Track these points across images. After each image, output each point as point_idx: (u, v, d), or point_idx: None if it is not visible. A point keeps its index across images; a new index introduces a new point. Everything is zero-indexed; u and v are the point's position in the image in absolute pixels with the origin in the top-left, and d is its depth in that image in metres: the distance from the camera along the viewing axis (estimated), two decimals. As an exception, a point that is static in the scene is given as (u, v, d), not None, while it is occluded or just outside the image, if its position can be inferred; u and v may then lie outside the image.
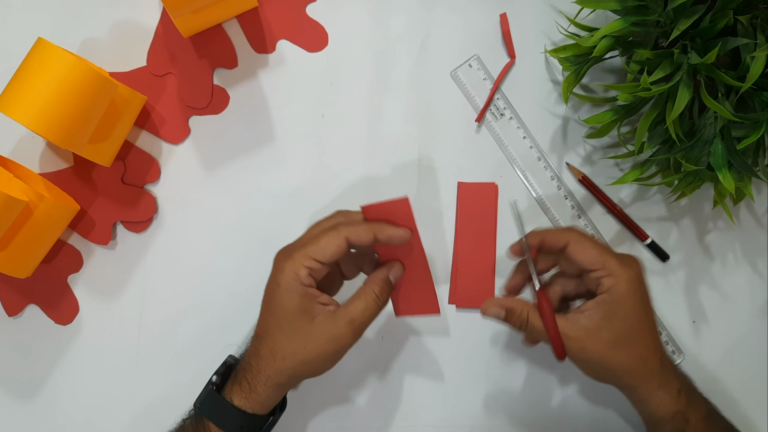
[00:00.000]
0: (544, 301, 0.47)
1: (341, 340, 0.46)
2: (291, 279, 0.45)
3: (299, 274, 0.45)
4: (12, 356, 0.59)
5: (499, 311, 0.48)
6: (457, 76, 0.61)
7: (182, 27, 0.56)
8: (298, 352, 0.46)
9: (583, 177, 0.60)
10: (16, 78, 0.50)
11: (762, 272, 0.60)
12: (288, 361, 0.46)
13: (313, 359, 0.46)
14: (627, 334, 0.46)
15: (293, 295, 0.45)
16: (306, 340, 0.46)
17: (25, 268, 0.55)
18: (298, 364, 0.46)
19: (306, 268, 0.45)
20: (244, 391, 0.47)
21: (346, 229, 0.46)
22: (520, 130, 0.60)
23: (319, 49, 0.61)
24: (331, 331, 0.46)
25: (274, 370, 0.46)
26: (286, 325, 0.46)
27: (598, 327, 0.46)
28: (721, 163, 0.50)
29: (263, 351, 0.47)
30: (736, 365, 0.60)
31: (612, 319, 0.45)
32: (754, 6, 0.48)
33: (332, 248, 0.45)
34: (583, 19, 0.57)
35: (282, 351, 0.46)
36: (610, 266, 0.46)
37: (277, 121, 0.60)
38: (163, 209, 0.60)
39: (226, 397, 0.47)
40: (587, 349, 0.46)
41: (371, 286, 0.47)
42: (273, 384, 0.47)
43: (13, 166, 0.57)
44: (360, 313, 0.46)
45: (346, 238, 0.46)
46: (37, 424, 0.59)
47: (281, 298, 0.46)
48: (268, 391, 0.47)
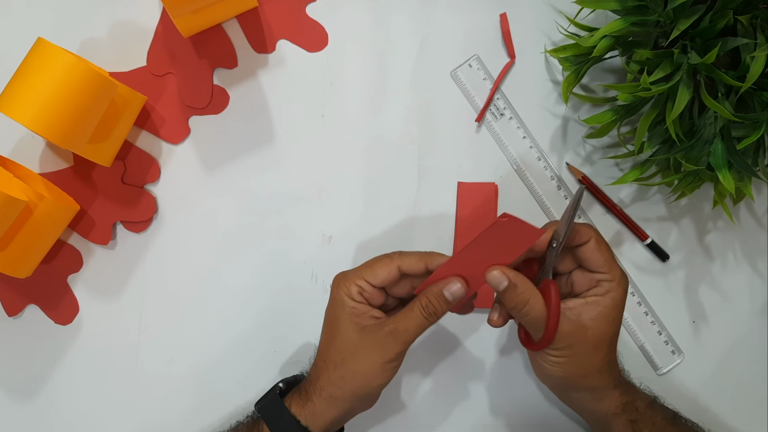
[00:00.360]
0: (554, 291, 0.47)
1: (386, 349, 0.47)
2: (343, 294, 0.48)
3: (350, 290, 0.48)
4: (12, 356, 0.59)
5: (501, 280, 0.46)
6: (457, 76, 0.61)
7: (182, 27, 0.56)
8: (347, 359, 0.48)
9: (583, 177, 0.60)
10: (16, 78, 0.50)
11: (762, 272, 0.60)
12: (339, 368, 0.48)
13: (364, 369, 0.47)
14: (607, 338, 0.48)
15: (345, 308, 0.48)
16: (355, 348, 0.47)
17: (25, 268, 0.55)
18: (348, 372, 0.47)
19: (357, 286, 0.48)
20: (302, 399, 0.49)
21: (399, 258, 0.49)
22: (520, 129, 0.60)
23: (319, 49, 0.61)
24: (377, 339, 0.47)
25: (327, 380, 0.48)
26: (338, 335, 0.48)
27: (586, 326, 0.47)
28: (721, 163, 0.50)
29: (320, 362, 0.49)
30: (736, 365, 0.60)
31: (601, 321, 0.47)
32: (754, 6, 0.48)
33: (383, 274, 0.48)
34: (583, 19, 0.57)
35: (335, 359, 0.48)
36: (615, 273, 0.47)
37: (277, 121, 0.60)
38: (163, 209, 0.60)
39: (286, 403, 0.49)
40: (572, 345, 0.47)
41: (421, 297, 0.48)
42: (327, 395, 0.48)
43: (13, 166, 0.57)
44: (404, 322, 0.47)
45: (398, 267, 0.48)
46: (37, 424, 0.59)
47: (335, 310, 0.49)
48: (323, 403, 0.48)
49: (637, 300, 0.60)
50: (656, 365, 0.60)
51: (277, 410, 0.49)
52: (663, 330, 0.60)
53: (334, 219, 0.60)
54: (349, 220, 0.60)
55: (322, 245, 0.60)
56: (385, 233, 0.60)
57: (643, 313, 0.60)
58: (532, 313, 0.46)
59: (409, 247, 0.59)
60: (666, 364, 0.60)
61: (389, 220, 0.60)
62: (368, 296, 0.49)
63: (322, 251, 0.60)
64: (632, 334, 0.60)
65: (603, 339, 0.47)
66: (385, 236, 0.60)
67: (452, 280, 0.47)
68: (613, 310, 0.47)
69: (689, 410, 0.57)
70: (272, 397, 0.51)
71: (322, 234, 0.60)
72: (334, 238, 0.60)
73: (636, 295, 0.60)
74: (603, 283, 0.47)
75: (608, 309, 0.47)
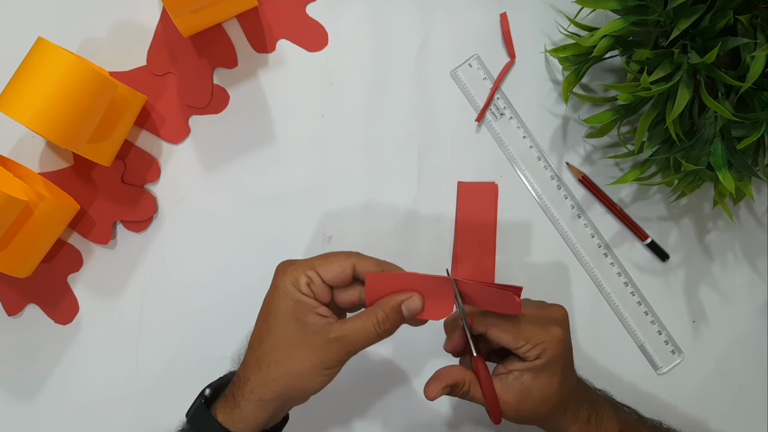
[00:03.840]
0: (482, 371, 0.46)
1: (328, 354, 0.43)
2: (289, 283, 0.44)
3: (298, 280, 0.44)
4: (12, 356, 0.59)
5: (444, 391, 0.46)
6: (457, 75, 0.61)
7: (182, 27, 0.56)
8: (283, 360, 0.43)
9: (583, 177, 0.60)
10: (16, 77, 0.50)
11: (762, 272, 0.60)
12: (272, 370, 0.43)
13: (300, 372, 0.43)
14: (555, 390, 0.46)
15: (288, 299, 0.44)
16: (293, 348, 0.43)
17: (25, 267, 0.55)
18: (283, 375, 0.43)
19: (306, 277, 0.44)
20: (228, 406, 0.45)
21: (356, 256, 0.45)
22: (520, 129, 0.60)
23: (319, 48, 0.61)
24: (320, 342, 0.43)
25: (258, 381, 0.44)
26: (276, 330, 0.44)
27: (529, 388, 0.46)
28: (721, 163, 0.50)
29: (251, 360, 0.44)
30: (736, 365, 0.60)
31: (541, 380, 0.46)
32: (754, 6, 0.48)
33: (337, 269, 0.44)
34: (583, 19, 0.57)
35: (268, 358, 0.43)
36: (534, 337, 0.45)
37: (277, 121, 0.60)
38: (163, 209, 0.60)
39: (213, 411, 0.45)
40: (522, 411, 0.46)
41: (377, 309, 0.44)
42: (256, 398, 0.44)
43: (13, 166, 0.57)
44: (354, 332, 0.43)
45: (353, 266, 0.45)
46: (37, 424, 0.59)
47: (276, 301, 0.44)
48: (251, 407, 0.44)
49: (637, 300, 0.60)
50: (656, 365, 0.60)
51: (204, 420, 0.45)
52: (663, 330, 0.60)
53: (334, 219, 0.60)
54: (349, 220, 0.60)
55: (322, 245, 0.60)
56: (385, 233, 0.60)
57: (643, 312, 0.60)
58: (476, 397, 0.46)
59: (409, 247, 0.59)
60: (666, 364, 0.60)
61: (389, 220, 0.60)
62: (315, 290, 0.44)
63: (322, 251, 0.59)
64: (632, 333, 0.60)
65: (550, 393, 0.46)
66: (385, 236, 0.60)
67: (412, 295, 0.45)
68: (547, 368, 0.46)
69: (689, 410, 0.57)
70: (198, 406, 0.46)
71: (322, 234, 0.60)
72: (334, 238, 0.60)
73: (636, 295, 0.60)
74: (528, 353, 0.45)
75: (543, 368, 0.45)
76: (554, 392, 0.46)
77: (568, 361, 0.47)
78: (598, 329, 0.60)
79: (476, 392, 0.46)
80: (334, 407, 0.59)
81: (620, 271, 0.60)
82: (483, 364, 0.47)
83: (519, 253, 0.60)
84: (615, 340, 0.60)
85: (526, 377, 0.46)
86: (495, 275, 0.59)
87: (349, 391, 0.59)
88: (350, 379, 0.59)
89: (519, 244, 0.60)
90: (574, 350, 0.59)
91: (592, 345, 0.60)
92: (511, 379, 0.46)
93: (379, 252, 0.60)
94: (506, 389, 0.46)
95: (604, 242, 0.60)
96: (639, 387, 0.59)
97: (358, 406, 0.59)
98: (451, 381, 0.46)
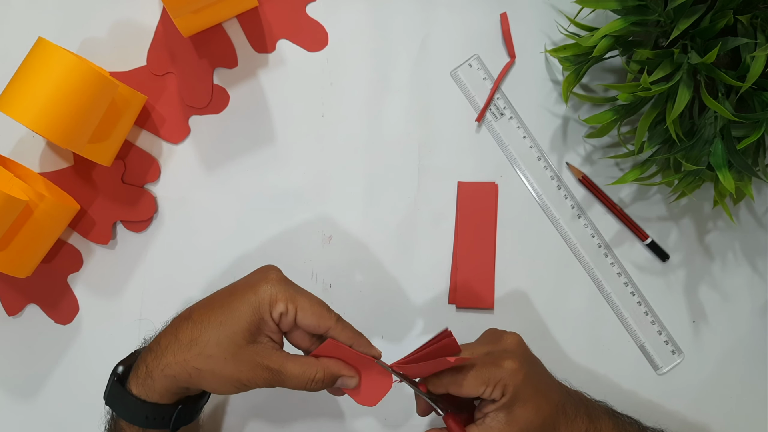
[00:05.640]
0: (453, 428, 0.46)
1: (256, 376, 0.43)
2: (266, 301, 0.44)
3: (275, 306, 0.44)
4: (12, 356, 0.59)
5: None
6: (457, 75, 0.61)
7: (182, 27, 0.56)
8: (215, 358, 0.43)
9: (583, 177, 0.60)
10: (16, 78, 0.50)
11: (762, 272, 0.60)
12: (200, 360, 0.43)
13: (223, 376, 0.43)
14: (533, 416, 0.46)
15: (256, 312, 0.44)
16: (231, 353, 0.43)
17: (25, 267, 0.55)
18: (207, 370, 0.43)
19: (284, 307, 0.44)
20: (141, 378, 0.44)
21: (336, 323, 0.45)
22: (520, 129, 0.60)
23: (319, 48, 0.61)
24: (256, 363, 0.43)
25: (180, 361, 0.43)
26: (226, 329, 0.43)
27: (509, 424, 0.45)
28: (721, 163, 0.50)
29: (183, 336, 0.44)
30: (736, 365, 0.60)
31: (516, 414, 0.45)
32: (754, 6, 0.48)
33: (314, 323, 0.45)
34: (583, 19, 0.57)
35: (201, 347, 0.43)
36: (491, 378, 0.45)
37: (277, 121, 0.60)
38: (163, 209, 0.60)
39: (127, 386, 0.45)
40: None
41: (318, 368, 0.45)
42: (170, 373, 0.43)
43: (13, 166, 0.57)
44: (290, 374, 0.44)
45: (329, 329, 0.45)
46: (37, 423, 0.59)
47: (243, 304, 0.44)
48: (163, 381, 0.44)
49: (637, 300, 0.60)
50: (656, 365, 0.60)
51: (120, 396, 0.45)
52: (663, 330, 0.60)
53: (334, 219, 0.60)
54: (349, 220, 0.60)
55: (322, 245, 0.60)
56: (385, 233, 0.60)
57: (643, 312, 0.60)
58: None
59: (409, 247, 0.60)
60: (666, 364, 0.60)
61: (389, 220, 0.60)
62: (283, 322, 0.44)
63: (322, 251, 0.60)
64: (632, 334, 0.60)
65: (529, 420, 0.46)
66: (385, 236, 0.60)
67: (354, 376, 0.46)
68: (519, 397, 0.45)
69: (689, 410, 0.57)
70: (112, 385, 0.46)
71: (322, 234, 0.60)
72: (334, 238, 0.60)
73: (636, 295, 0.60)
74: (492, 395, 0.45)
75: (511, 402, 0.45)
76: (533, 418, 0.46)
77: (537, 384, 0.47)
78: (598, 330, 0.60)
79: None
80: (334, 407, 0.59)
81: (620, 271, 0.60)
82: (452, 421, 0.46)
83: (519, 253, 0.60)
84: (615, 341, 0.60)
85: (501, 416, 0.46)
86: (495, 275, 0.59)
87: (349, 391, 0.59)
88: (350, 379, 0.59)
89: (519, 244, 0.60)
90: (574, 352, 0.59)
91: (593, 345, 0.60)
92: (488, 421, 0.46)
93: (380, 251, 0.60)
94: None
95: (604, 242, 0.60)
96: (639, 387, 0.59)
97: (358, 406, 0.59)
98: None
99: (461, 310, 0.60)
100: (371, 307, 0.59)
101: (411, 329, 0.60)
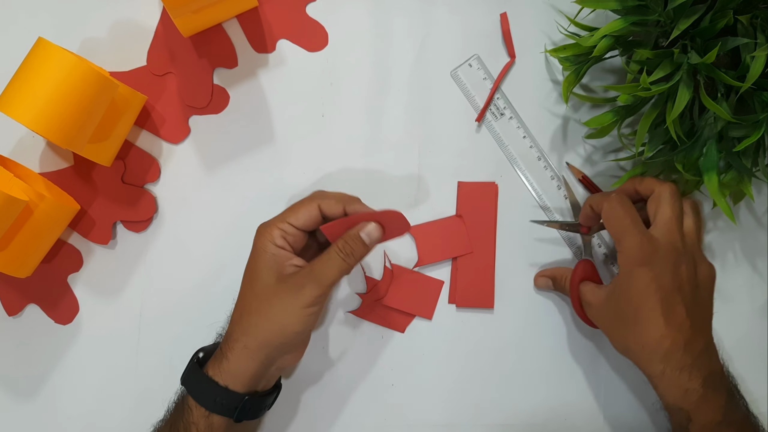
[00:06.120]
0: (577, 270, 0.55)
1: (303, 293, 0.46)
2: (266, 240, 0.48)
3: (273, 235, 0.48)
4: (12, 356, 0.59)
5: (546, 281, 0.57)
6: (457, 75, 0.61)
7: (182, 27, 0.56)
8: (262, 308, 0.46)
9: (583, 177, 0.60)
10: (16, 78, 0.50)
11: (762, 272, 0.60)
12: (253, 318, 0.46)
13: (277, 316, 0.46)
14: (624, 316, 0.48)
15: (266, 254, 0.47)
16: (272, 295, 0.46)
17: (25, 267, 0.55)
18: (264, 320, 0.46)
19: (279, 230, 0.48)
20: (218, 360, 0.47)
21: (319, 198, 0.49)
22: (520, 129, 0.60)
23: (319, 48, 0.61)
24: (294, 285, 0.46)
25: (241, 330, 0.47)
26: (257, 285, 0.47)
27: (605, 303, 0.51)
28: (711, 166, 0.50)
29: (235, 315, 0.48)
30: (736, 365, 0.60)
31: (613, 299, 0.50)
32: (754, 6, 0.48)
33: (305, 214, 0.48)
34: (583, 19, 0.57)
35: (249, 308, 0.47)
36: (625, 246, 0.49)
37: (277, 121, 0.60)
38: (163, 209, 0.60)
39: (204, 370, 0.48)
40: (598, 317, 0.52)
41: (338, 240, 0.48)
42: (241, 347, 0.46)
43: (13, 166, 0.57)
44: (322, 265, 0.47)
45: (318, 206, 0.49)
46: (37, 423, 0.59)
47: (255, 259, 0.48)
48: (237, 357, 0.46)
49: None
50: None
51: (197, 378, 0.48)
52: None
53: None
54: (349, 220, 0.60)
55: (322, 245, 0.60)
56: (385, 233, 0.60)
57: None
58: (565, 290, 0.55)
59: (409, 247, 0.59)
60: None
61: (389, 219, 0.60)
62: (291, 240, 0.48)
63: (322, 251, 0.60)
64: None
65: (618, 316, 0.48)
66: (385, 236, 0.60)
67: (368, 222, 0.48)
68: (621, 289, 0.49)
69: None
70: (191, 366, 0.49)
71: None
72: (334, 238, 0.60)
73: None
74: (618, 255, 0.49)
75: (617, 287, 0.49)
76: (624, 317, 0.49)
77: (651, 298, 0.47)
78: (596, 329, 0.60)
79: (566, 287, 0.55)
80: (335, 407, 0.59)
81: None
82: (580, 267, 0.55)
83: (519, 253, 0.60)
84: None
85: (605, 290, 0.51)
86: (495, 275, 0.59)
87: (349, 391, 0.59)
88: (350, 379, 0.59)
89: (519, 243, 0.60)
90: (574, 352, 0.59)
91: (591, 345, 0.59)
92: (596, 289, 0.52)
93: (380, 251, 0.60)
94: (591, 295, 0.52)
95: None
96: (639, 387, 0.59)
97: (358, 406, 0.59)
98: (552, 274, 0.57)
99: (461, 310, 0.60)
100: (371, 307, 0.59)
101: (411, 329, 0.60)
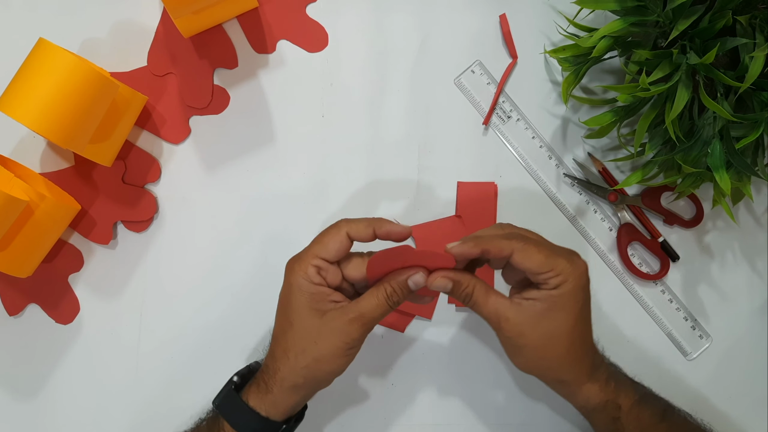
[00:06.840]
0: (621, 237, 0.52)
1: (350, 334, 0.46)
2: (301, 278, 0.47)
3: (308, 272, 0.47)
4: (12, 356, 0.59)
5: (446, 283, 0.47)
6: (460, 83, 0.61)
7: (183, 27, 0.56)
8: (309, 348, 0.47)
9: (603, 168, 0.60)
10: (17, 78, 0.50)
11: (762, 272, 0.60)
12: (300, 358, 0.47)
13: (325, 356, 0.47)
14: (565, 330, 0.46)
15: (303, 293, 0.47)
16: (317, 335, 0.46)
17: (25, 267, 0.55)
18: (311, 361, 0.47)
19: (314, 267, 0.47)
20: (261, 392, 0.48)
21: (346, 225, 0.48)
22: (528, 131, 0.60)
23: (320, 49, 0.61)
24: (339, 325, 0.46)
25: (288, 370, 0.47)
26: (297, 323, 0.47)
27: (539, 317, 0.46)
28: (719, 164, 0.50)
29: (277, 352, 0.48)
30: (736, 365, 0.60)
31: (555, 312, 0.46)
32: (753, 6, 0.48)
33: (335, 245, 0.47)
34: (582, 20, 0.57)
35: (294, 348, 0.47)
36: (559, 267, 0.45)
37: (277, 121, 0.60)
38: (163, 209, 0.60)
39: (243, 397, 0.48)
40: (524, 335, 0.46)
41: (385, 284, 0.47)
42: (288, 385, 0.47)
43: (13, 166, 0.57)
44: (369, 307, 0.47)
45: (346, 233, 0.47)
46: (37, 424, 0.59)
47: (292, 297, 0.47)
48: (284, 393, 0.48)
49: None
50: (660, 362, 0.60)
51: (235, 405, 0.48)
52: (663, 330, 0.60)
53: (334, 219, 0.59)
54: (349, 220, 0.60)
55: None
56: (385, 233, 0.60)
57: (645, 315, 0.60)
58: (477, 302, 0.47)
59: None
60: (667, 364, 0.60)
61: (389, 220, 0.60)
62: (326, 275, 0.47)
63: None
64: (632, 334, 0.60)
65: (561, 330, 0.46)
66: (385, 236, 0.60)
67: (417, 270, 0.47)
68: (565, 301, 0.46)
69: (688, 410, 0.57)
70: (228, 392, 0.50)
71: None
72: (334, 238, 0.60)
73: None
74: (550, 280, 0.45)
75: (560, 300, 0.45)
76: (565, 332, 0.46)
77: (585, 309, 0.47)
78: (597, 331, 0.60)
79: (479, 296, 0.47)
80: (335, 407, 0.59)
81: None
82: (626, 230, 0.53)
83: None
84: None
85: (539, 305, 0.46)
86: (494, 275, 0.59)
87: (350, 390, 0.59)
88: (350, 379, 0.59)
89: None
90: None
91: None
92: (524, 304, 0.46)
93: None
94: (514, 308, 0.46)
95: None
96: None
97: (358, 406, 0.59)
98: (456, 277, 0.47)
99: (461, 310, 0.60)
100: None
101: (411, 329, 0.60)
